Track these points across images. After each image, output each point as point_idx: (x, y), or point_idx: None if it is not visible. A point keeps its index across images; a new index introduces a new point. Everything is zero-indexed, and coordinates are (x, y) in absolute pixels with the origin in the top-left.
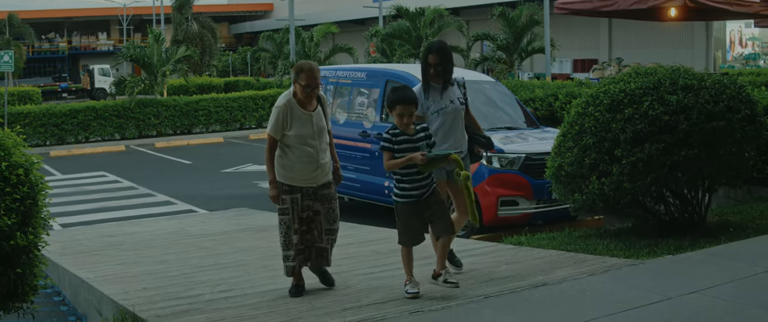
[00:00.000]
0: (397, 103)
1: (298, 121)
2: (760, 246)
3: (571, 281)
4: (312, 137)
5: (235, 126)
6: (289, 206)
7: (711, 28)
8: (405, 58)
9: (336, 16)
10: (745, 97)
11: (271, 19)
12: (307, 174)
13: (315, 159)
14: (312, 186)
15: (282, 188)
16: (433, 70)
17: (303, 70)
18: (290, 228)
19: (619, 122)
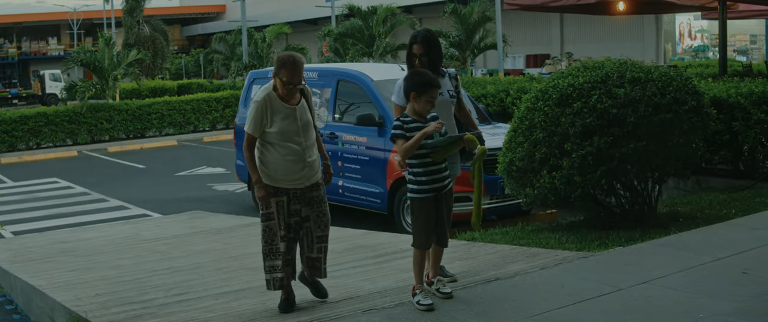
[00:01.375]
0: (427, 87)
1: (280, 116)
2: (708, 236)
3: (524, 275)
4: (296, 133)
5: (189, 129)
6: (275, 210)
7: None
8: (358, 57)
9: (288, 17)
10: (692, 89)
11: (223, 21)
12: (293, 174)
13: (301, 157)
14: (299, 188)
15: (267, 190)
16: (418, 60)
17: (285, 64)
18: (276, 235)
19: (568, 116)
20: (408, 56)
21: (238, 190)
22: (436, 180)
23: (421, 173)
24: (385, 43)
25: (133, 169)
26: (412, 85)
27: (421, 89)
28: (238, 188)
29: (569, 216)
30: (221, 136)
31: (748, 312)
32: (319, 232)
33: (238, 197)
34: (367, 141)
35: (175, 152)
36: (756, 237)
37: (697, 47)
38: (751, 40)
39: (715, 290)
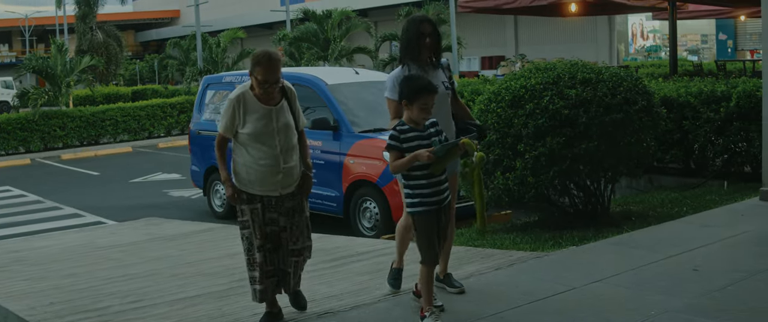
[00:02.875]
0: (419, 93)
1: (254, 116)
2: (660, 233)
3: (478, 276)
4: (271, 136)
5: (144, 135)
6: (249, 217)
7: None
8: (314, 61)
9: (243, 21)
10: (642, 88)
11: (177, 26)
12: (266, 180)
13: (276, 162)
14: (273, 196)
15: (241, 197)
16: (429, 39)
17: (259, 62)
18: (253, 245)
19: (520, 118)
20: (412, 39)
21: (193, 196)
22: (438, 192)
23: (425, 186)
24: (340, 46)
25: (87, 176)
26: (402, 93)
27: (412, 96)
28: (193, 193)
29: (524, 217)
30: (176, 142)
31: (698, 309)
32: (292, 244)
33: (194, 203)
34: (322, 145)
35: (129, 159)
36: (706, 234)
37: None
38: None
39: (666, 288)
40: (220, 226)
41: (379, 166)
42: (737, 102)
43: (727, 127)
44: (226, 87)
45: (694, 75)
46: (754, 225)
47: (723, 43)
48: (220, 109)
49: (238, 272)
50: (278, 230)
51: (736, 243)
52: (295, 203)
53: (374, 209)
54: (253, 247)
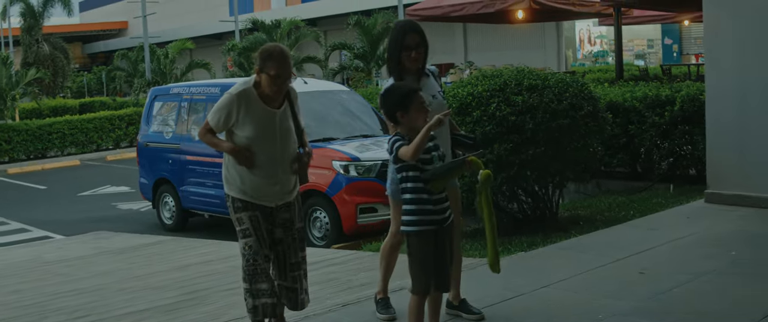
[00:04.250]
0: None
1: (255, 118)
2: (607, 237)
3: None
4: (272, 142)
5: (92, 148)
6: (249, 225)
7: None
8: None
9: (192, 32)
10: (587, 94)
11: (125, 38)
12: (261, 190)
13: (274, 172)
14: (268, 206)
15: (235, 204)
16: (415, 52)
17: (271, 55)
18: (258, 254)
19: (468, 124)
20: (395, 50)
21: (142, 208)
22: (441, 210)
23: (426, 201)
24: None
25: (34, 190)
26: (394, 103)
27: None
28: (142, 206)
29: (474, 223)
30: (125, 155)
31: (645, 311)
32: (293, 257)
33: (143, 216)
34: None
35: (77, 172)
36: (653, 237)
37: (597, 53)
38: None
39: (614, 291)
40: (169, 238)
41: (329, 175)
42: (681, 106)
43: (672, 130)
44: (174, 98)
45: (639, 80)
46: (699, 227)
47: (669, 48)
48: (169, 120)
49: (188, 285)
50: (272, 243)
51: (682, 246)
52: (291, 213)
53: (324, 219)
54: (259, 256)
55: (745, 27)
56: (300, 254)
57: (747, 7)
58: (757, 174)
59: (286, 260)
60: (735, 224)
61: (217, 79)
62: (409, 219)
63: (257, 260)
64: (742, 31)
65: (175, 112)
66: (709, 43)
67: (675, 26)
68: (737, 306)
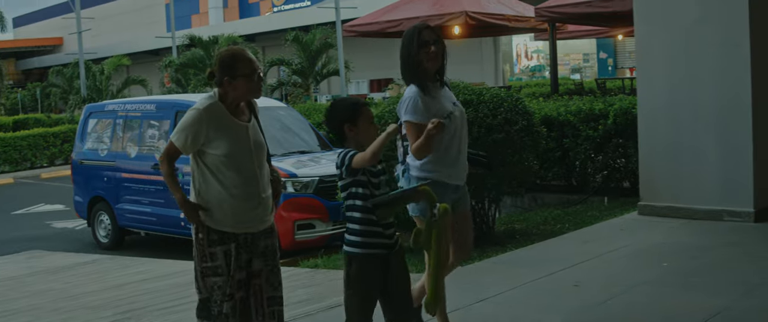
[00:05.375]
0: (359, 112)
1: (227, 134)
2: (543, 251)
3: None
4: (249, 158)
5: (26, 166)
6: (222, 262)
7: (498, 43)
8: (201, 87)
9: (129, 48)
10: (522, 109)
11: (60, 54)
12: (244, 214)
13: (254, 192)
14: (251, 232)
15: (210, 237)
16: (434, 47)
17: (237, 57)
18: (226, 296)
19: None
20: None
21: (77, 227)
22: (386, 235)
23: (368, 222)
24: None
25: None
26: (341, 116)
27: (352, 114)
28: (77, 224)
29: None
30: (60, 172)
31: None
32: (271, 291)
33: (78, 234)
34: None
35: (11, 190)
36: (587, 250)
37: (533, 67)
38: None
39: (547, 304)
40: (105, 257)
41: None
42: (614, 120)
43: (605, 144)
44: (109, 116)
45: (574, 94)
46: (632, 239)
47: (604, 62)
48: (104, 137)
49: (124, 304)
50: (248, 277)
51: (615, 258)
52: (272, 241)
53: None
54: (225, 297)
55: (675, 43)
56: (279, 290)
57: (676, 23)
58: (687, 186)
59: (263, 295)
60: (667, 235)
61: (154, 96)
62: (353, 240)
63: (226, 302)
64: (672, 46)
65: (111, 129)
66: (640, 58)
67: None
68: (669, 317)
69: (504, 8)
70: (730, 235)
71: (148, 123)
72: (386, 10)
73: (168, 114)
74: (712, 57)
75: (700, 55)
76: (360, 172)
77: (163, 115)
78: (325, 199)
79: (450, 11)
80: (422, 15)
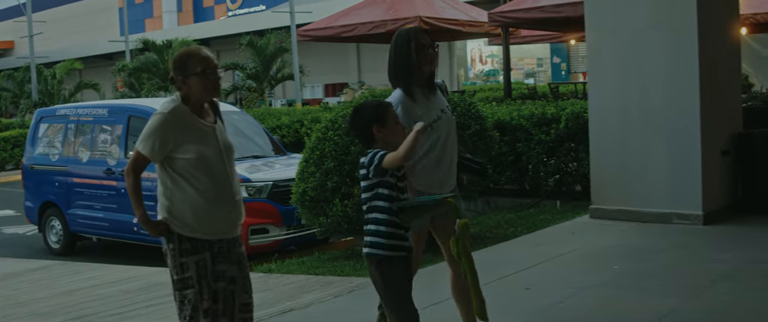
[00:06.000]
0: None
1: (196, 137)
2: (495, 254)
3: (318, 304)
4: (219, 161)
5: None
6: (194, 274)
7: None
8: (154, 91)
9: (81, 52)
10: (475, 113)
11: (11, 58)
12: (217, 220)
13: (228, 194)
14: (226, 238)
15: (182, 246)
16: (431, 50)
17: (190, 54)
18: (197, 309)
19: (357, 145)
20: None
21: (28, 232)
22: (406, 238)
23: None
24: None
25: None
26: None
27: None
28: (28, 230)
29: None
30: (10, 177)
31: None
32: (245, 298)
33: (29, 240)
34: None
35: None
36: (539, 253)
37: (488, 72)
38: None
39: (500, 307)
40: (56, 263)
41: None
42: (566, 124)
43: (558, 148)
44: (60, 120)
45: (527, 98)
46: (583, 242)
47: (557, 67)
48: (55, 142)
49: (75, 310)
50: (227, 285)
51: (567, 260)
52: (242, 247)
53: None
54: (198, 312)
55: (625, 48)
56: (250, 294)
57: (626, 28)
58: (637, 190)
59: (235, 301)
60: (617, 238)
61: (106, 101)
62: (380, 242)
63: (196, 317)
64: (622, 52)
65: (62, 134)
66: (591, 63)
67: (563, 45)
68: (620, 319)
69: (458, 13)
70: (679, 237)
71: (100, 128)
72: (340, 15)
73: (120, 119)
74: (661, 62)
75: (650, 60)
76: (388, 173)
77: (116, 119)
78: (279, 203)
79: (404, 16)
80: (377, 20)
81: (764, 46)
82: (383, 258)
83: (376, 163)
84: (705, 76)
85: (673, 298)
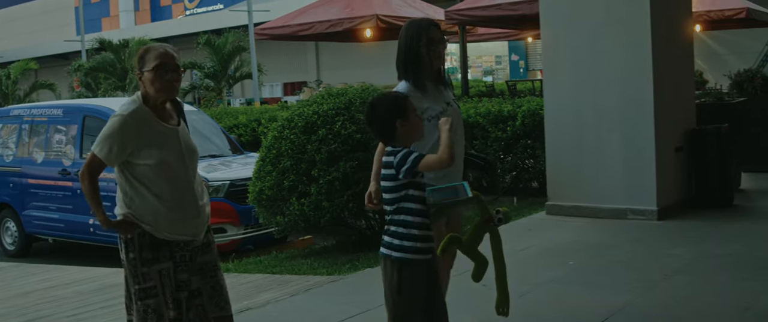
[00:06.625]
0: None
1: (157, 140)
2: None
3: (275, 303)
4: (181, 166)
5: None
6: (157, 283)
7: None
8: (111, 91)
9: (36, 52)
10: None
11: None
12: (180, 226)
13: (190, 200)
14: (189, 248)
15: (141, 255)
16: (439, 48)
17: (149, 50)
18: (163, 317)
19: (314, 143)
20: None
21: None
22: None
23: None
24: None
25: None
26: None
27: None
28: None
29: (324, 241)
30: None
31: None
32: (217, 311)
33: None
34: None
35: None
36: None
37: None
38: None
39: (457, 304)
40: (11, 265)
41: None
42: (523, 121)
43: (514, 145)
44: (14, 121)
45: (484, 96)
46: (540, 239)
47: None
48: (9, 143)
49: (30, 312)
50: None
51: (523, 257)
52: (212, 256)
53: None
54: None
55: (579, 45)
56: (226, 309)
57: (582, 25)
58: (593, 186)
59: (207, 315)
60: (573, 234)
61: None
62: (407, 245)
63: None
64: (577, 48)
65: (16, 134)
66: (547, 60)
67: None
68: (574, 314)
69: (414, 11)
70: (633, 233)
71: (55, 128)
72: (298, 13)
73: (75, 119)
74: (616, 59)
75: (604, 57)
76: (420, 173)
77: (71, 120)
78: (236, 203)
79: (361, 14)
80: (334, 18)
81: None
82: (412, 261)
83: (409, 165)
84: (659, 73)
85: (625, 293)
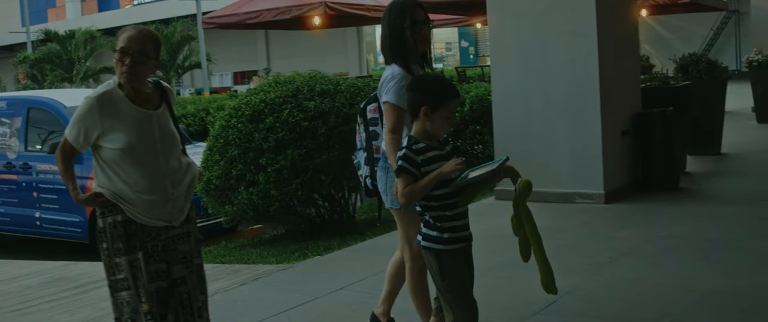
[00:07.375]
0: (448, 97)
1: (126, 124)
2: None
3: (223, 293)
4: (151, 150)
5: None
6: (128, 275)
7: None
8: (58, 82)
9: None
10: None
11: None
12: (148, 212)
13: (161, 187)
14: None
15: (113, 245)
16: (424, 29)
17: (119, 33)
18: (137, 312)
19: (261, 132)
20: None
21: None
22: (466, 225)
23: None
24: (85, 67)
25: None
26: (423, 96)
27: (438, 100)
28: None
29: (274, 230)
30: None
31: None
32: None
33: None
34: None
35: None
36: None
37: None
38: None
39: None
40: None
41: None
42: (471, 106)
43: (463, 130)
44: None
45: None
46: (488, 224)
47: (465, 50)
48: None
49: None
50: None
51: None
52: (190, 245)
53: None
54: (138, 314)
55: (526, 31)
56: (201, 297)
57: (527, 11)
58: (541, 171)
59: (192, 304)
60: None
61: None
62: (434, 235)
63: (137, 319)
64: (523, 34)
65: None
66: (493, 46)
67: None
68: (524, 298)
69: None
70: (581, 216)
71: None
72: (246, 2)
73: (19, 111)
74: (562, 45)
75: (551, 43)
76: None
77: (15, 112)
78: None
79: (309, 2)
80: (282, 6)
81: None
82: (443, 252)
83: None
84: (604, 58)
85: (573, 276)
